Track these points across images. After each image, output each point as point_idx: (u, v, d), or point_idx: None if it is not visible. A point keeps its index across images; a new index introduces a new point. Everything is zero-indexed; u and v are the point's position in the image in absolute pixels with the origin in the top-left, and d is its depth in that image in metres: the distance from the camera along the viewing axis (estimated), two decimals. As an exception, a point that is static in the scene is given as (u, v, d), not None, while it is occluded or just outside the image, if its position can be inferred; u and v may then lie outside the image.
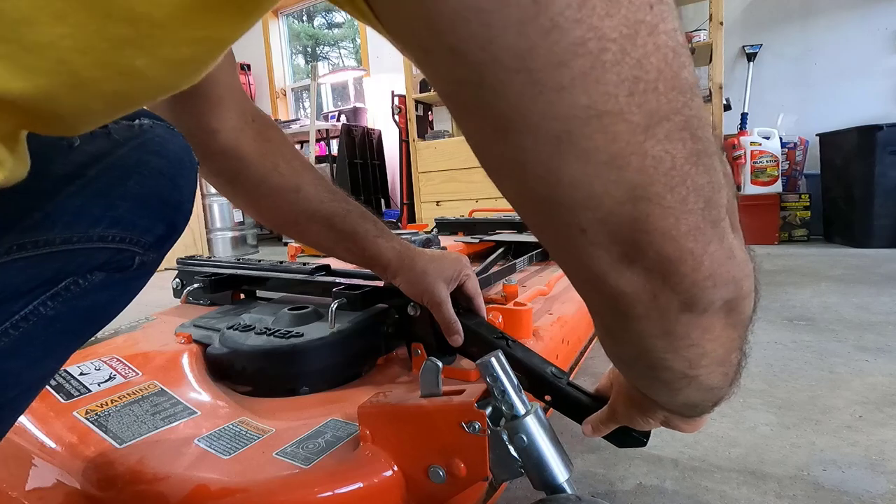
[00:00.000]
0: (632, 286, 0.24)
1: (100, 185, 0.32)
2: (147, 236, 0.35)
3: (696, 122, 0.21)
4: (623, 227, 0.22)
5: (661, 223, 0.21)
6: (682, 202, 0.21)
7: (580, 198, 0.21)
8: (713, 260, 0.24)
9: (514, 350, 0.52)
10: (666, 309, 0.25)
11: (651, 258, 0.23)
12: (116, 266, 0.34)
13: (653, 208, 0.21)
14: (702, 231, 0.23)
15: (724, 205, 0.24)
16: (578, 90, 0.18)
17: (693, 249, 0.23)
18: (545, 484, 0.39)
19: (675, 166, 0.21)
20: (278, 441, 0.46)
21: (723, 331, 0.28)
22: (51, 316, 0.31)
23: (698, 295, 0.24)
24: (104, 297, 0.35)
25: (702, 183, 0.22)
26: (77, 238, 0.31)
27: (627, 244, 0.22)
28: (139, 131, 0.34)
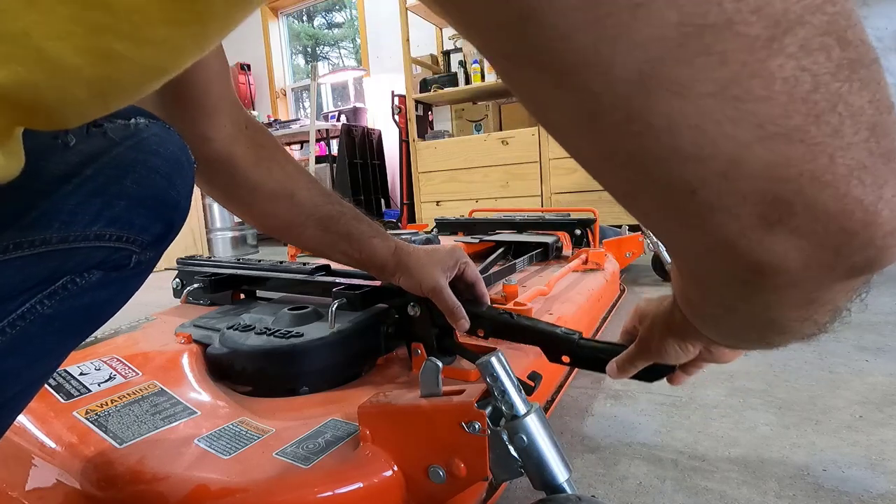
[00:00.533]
0: (776, 255, 0.18)
1: (96, 183, 0.32)
2: (144, 235, 0.35)
3: (845, 22, 0.15)
4: (753, 180, 0.17)
5: (808, 166, 0.16)
6: (834, 134, 0.16)
7: (684, 146, 0.16)
8: (893, 208, 0.17)
9: (520, 320, 0.53)
10: (824, 278, 0.19)
11: (801, 216, 0.17)
12: (113, 265, 0.34)
13: (793, 147, 0.16)
14: (870, 171, 0.17)
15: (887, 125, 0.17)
16: (662, 3, 0.14)
17: (861, 197, 0.17)
18: (545, 484, 0.39)
19: (818, 86, 0.15)
20: (278, 441, 0.46)
21: (855, 290, 0.22)
22: (48, 314, 0.31)
23: (874, 258, 0.18)
24: (102, 296, 0.35)
25: (861, 104, 0.16)
26: (74, 237, 0.31)
27: (764, 202, 0.17)
28: (135, 130, 0.34)
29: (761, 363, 0.91)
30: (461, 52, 3.22)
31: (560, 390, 0.74)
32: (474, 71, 3.00)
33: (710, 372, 0.88)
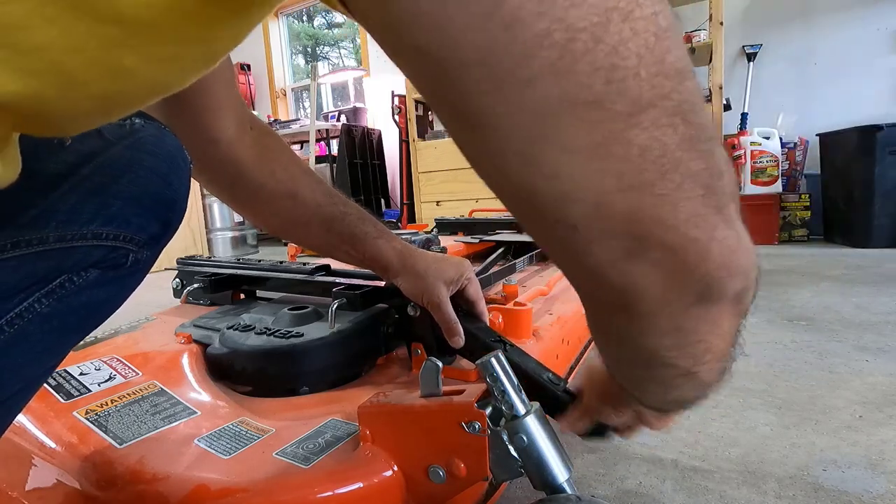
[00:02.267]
0: (638, 282, 0.23)
1: (93, 183, 0.32)
2: (141, 234, 0.35)
3: (688, 107, 0.20)
4: (617, 220, 0.21)
5: (656, 212, 0.20)
6: (676, 189, 0.20)
7: (565, 190, 0.20)
8: (724, 247, 0.22)
9: (511, 354, 0.52)
10: (677, 303, 0.24)
11: (655, 250, 0.21)
12: (111, 264, 0.34)
13: (645, 197, 0.20)
14: (704, 217, 0.21)
15: (728, 192, 0.22)
16: (548, 82, 0.18)
17: (697, 237, 0.21)
18: (545, 484, 0.39)
19: (665, 153, 0.20)
20: (278, 441, 0.46)
21: (729, 323, 0.27)
22: (46, 313, 0.31)
23: (711, 286, 0.23)
24: (99, 295, 0.35)
25: (697, 169, 0.21)
26: (71, 236, 0.31)
27: (627, 238, 0.21)
28: (131, 130, 0.34)
29: (761, 363, 0.91)
30: (461, 52, 3.22)
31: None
32: (474, 71, 3.00)
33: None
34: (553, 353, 0.75)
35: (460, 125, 0.21)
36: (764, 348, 0.99)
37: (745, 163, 2.40)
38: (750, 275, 0.25)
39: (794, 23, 2.64)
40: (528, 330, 0.71)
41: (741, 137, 2.41)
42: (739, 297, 0.25)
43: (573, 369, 0.87)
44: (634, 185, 0.20)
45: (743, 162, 2.41)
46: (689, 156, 0.20)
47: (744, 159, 2.40)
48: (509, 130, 0.19)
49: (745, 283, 0.24)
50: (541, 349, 0.70)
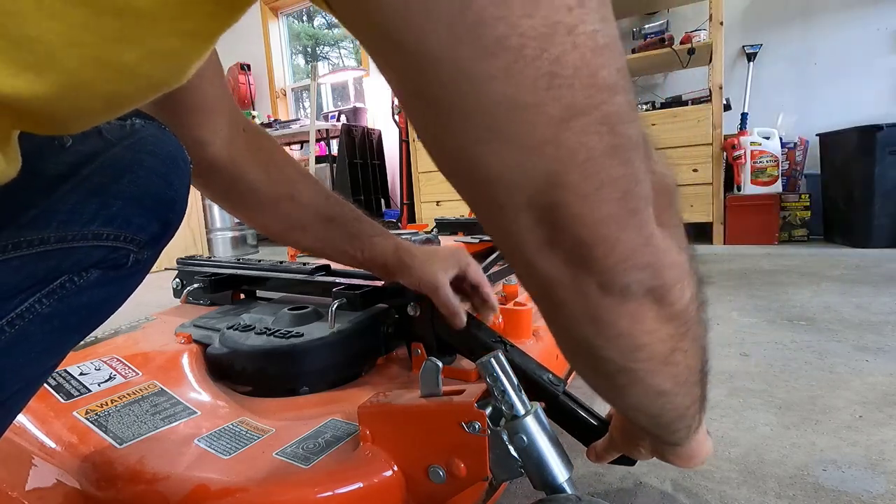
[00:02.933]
0: (554, 270, 0.25)
1: (93, 183, 0.32)
2: (142, 234, 0.35)
3: (616, 119, 0.22)
4: (544, 212, 0.23)
5: (576, 209, 0.23)
6: (596, 191, 0.23)
7: (507, 181, 0.23)
8: (627, 245, 0.25)
9: (512, 355, 0.52)
10: (585, 292, 0.26)
11: (569, 242, 0.24)
12: (112, 264, 0.34)
13: (568, 195, 0.23)
14: (616, 219, 0.24)
15: (644, 197, 0.25)
16: (503, 81, 0.20)
17: (607, 235, 0.24)
18: (545, 484, 0.39)
19: (590, 157, 0.22)
20: (278, 441, 0.46)
21: (655, 323, 0.28)
22: (46, 314, 0.31)
23: (613, 278, 0.25)
24: (100, 295, 0.35)
25: (618, 175, 0.23)
26: (72, 236, 0.31)
27: (549, 228, 0.24)
28: (131, 130, 0.35)
29: (761, 363, 0.91)
30: (461, 52, 3.22)
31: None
32: (474, 71, 3.00)
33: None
34: (553, 354, 0.75)
35: (430, 113, 0.23)
36: (764, 348, 0.99)
37: (745, 163, 2.40)
38: (662, 272, 0.26)
39: (794, 23, 2.64)
40: (528, 330, 0.71)
41: (741, 137, 2.41)
42: (658, 296, 0.27)
43: (573, 370, 0.87)
44: (560, 184, 0.22)
45: (743, 162, 2.40)
46: (612, 162, 0.23)
47: (744, 159, 2.40)
48: (469, 121, 0.22)
49: (654, 279, 0.26)
50: (541, 349, 0.70)
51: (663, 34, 2.55)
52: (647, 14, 2.91)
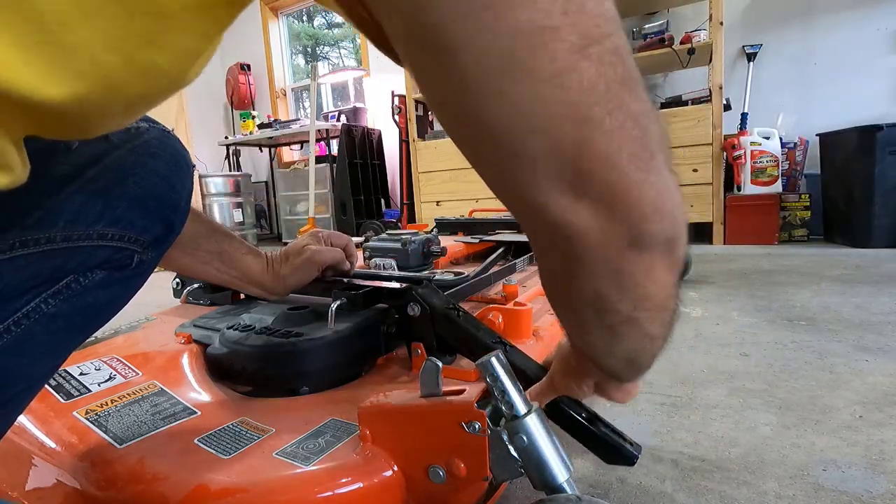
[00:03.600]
0: (581, 219, 0.24)
1: (99, 185, 0.32)
2: (146, 235, 0.36)
3: (625, 51, 0.22)
4: (570, 154, 0.22)
5: (604, 148, 0.22)
6: (620, 127, 0.22)
7: (529, 121, 0.22)
8: (656, 191, 0.24)
9: (512, 355, 0.52)
10: (614, 243, 0.25)
11: (598, 188, 0.23)
12: (116, 264, 0.35)
13: (594, 132, 0.22)
14: (642, 160, 0.23)
15: (658, 137, 0.24)
16: (519, 6, 0.20)
17: (637, 179, 0.23)
18: (545, 484, 0.39)
19: (609, 89, 0.22)
20: (278, 441, 0.46)
21: (663, 273, 0.28)
22: (52, 313, 0.31)
23: (645, 228, 0.24)
24: (104, 296, 0.35)
25: (636, 110, 0.23)
26: (78, 236, 0.31)
27: (575, 173, 0.23)
28: (136, 134, 0.35)
29: (761, 363, 0.91)
30: (461, 52, 3.22)
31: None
32: (474, 71, 3.00)
33: (710, 372, 0.88)
34: (553, 353, 0.75)
35: (438, 55, 0.22)
36: (764, 348, 0.99)
37: (745, 163, 2.40)
38: (679, 223, 0.26)
39: (794, 23, 2.64)
40: (528, 330, 0.71)
41: (741, 137, 2.41)
42: (670, 246, 0.26)
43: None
44: (587, 118, 0.22)
45: (743, 162, 2.40)
46: (630, 97, 0.22)
47: (744, 159, 2.40)
48: (485, 55, 0.21)
49: (674, 230, 0.26)
50: (541, 349, 0.70)
51: (663, 34, 2.55)
52: (647, 14, 2.91)
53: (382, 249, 1.05)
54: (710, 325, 1.16)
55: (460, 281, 0.75)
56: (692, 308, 1.31)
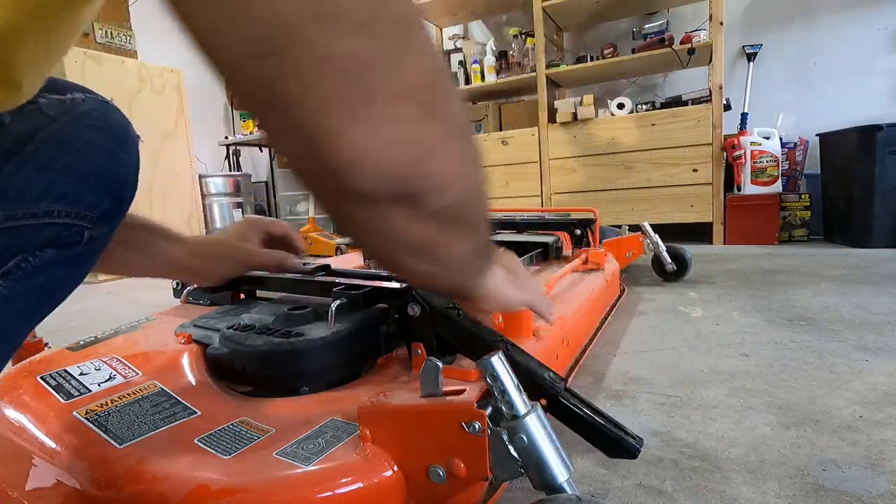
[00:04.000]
0: (289, 149, 0.24)
1: (39, 160, 0.32)
2: (94, 211, 0.35)
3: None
4: (266, 89, 0.22)
5: (293, 86, 0.21)
6: (316, 68, 0.20)
7: (217, 44, 0.21)
8: (360, 142, 0.22)
9: (513, 353, 0.52)
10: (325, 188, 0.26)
11: (296, 131, 0.23)
12: (66, 242, 0.34)
13: (285, 65, 0.20)
14: (344, 103, 0.22)
15: (386, 82, 0.22)
16: None
17: (332, 126, 0.22)
18: (545, 484, 0.39)
19: (300, 22, 0.20)
20: (278, 441, 0.46)
21: (409, 223, 0.28)
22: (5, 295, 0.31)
23: (344, 177, 0.24)
24: (57, 274, 0.35)
25: (339, 51, 0.20)
26: (22, 214, 0.31)
27: (274, 111, 0.22)
28: (72, 105, 0.34)
29: (761, 363, 0.91)
30: (461, 52, 3.22)
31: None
32: (474, 71, 3.00)
33: (710, 372, 0.88)
34: (553, 353, 0.75)
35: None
36: (764, 348, 0.99)
37: (745, 163, 2.40)
38: (410, 183, 0.25)
39: (794, 23, 2.64)
40: (528, 330, 0.71)
41: (741, 137, 2.41)
42: (411, 203, 0.27)
43: (573, 369, 0.87)
44: (275, 51, 0.20)
45: (743, 162, 2.40)
46: (331, 34, 0.20)
47: (744, 159, 2.40)
48: None
49: (399, 188, 0.25)
50: (541, 349, 0.70)
51: (663, 34, 2.55)
52: (647, 14, 2.91)
53: (382, 249, 1.05)
54: (710, 325, 1.16)
55: (460, 281, 0.75)
56: (692, 308, 1.31)
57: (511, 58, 2.96)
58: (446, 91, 0.27)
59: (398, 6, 0.22)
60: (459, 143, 0.28)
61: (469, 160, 0.30)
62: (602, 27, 3.10)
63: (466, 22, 3.47)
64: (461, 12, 3.20)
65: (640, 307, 1.35)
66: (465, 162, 0.29)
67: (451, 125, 0.27)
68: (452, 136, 0.27)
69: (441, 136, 0.26)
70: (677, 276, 1.61)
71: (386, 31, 0.22)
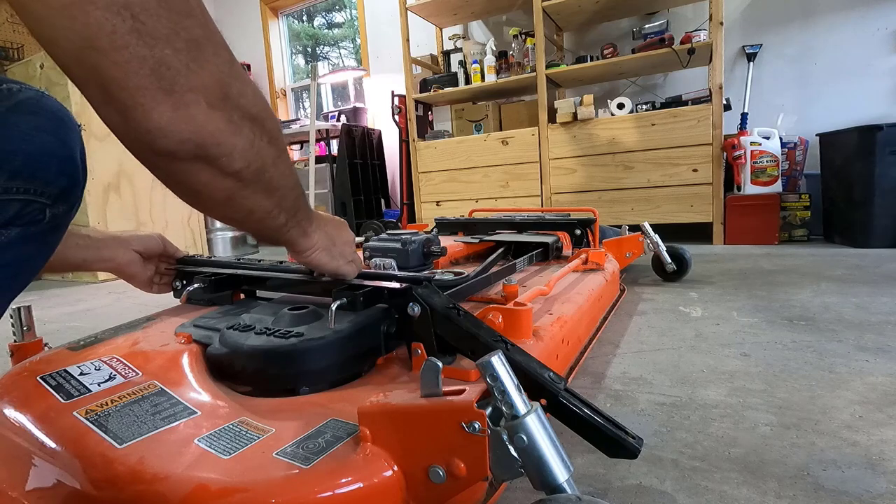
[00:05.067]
0: (111, 121, 0.33)
1: None
2: (50, 188, 0.38)
3: (140, 9, 0.29)
4: (87, 71, 0.30)
5: (111, 73, 0.30)
6: (127, 63, 0.30)
7: (49, 36, 0.29)
8: (163, 118, 0.32)
9: (513, 353, 0.52)
10: (139, 146, 0.34)
11: (116, 101, 0.31)
12: (30, 219, 0.37)
13: (102, 59, 0.29)
14: (149, 92, 0.31)
15: (189, 83, 0.32)
16: None
17: (143, 104, 0.31)
18: (545, 484, 0.39)
19: (116, 32, 0.29)
20: (278, 441, 0.46)
21: (210, 178, 0.38)
22: None
23: (153, 141, 0.33)
24: (23, 253, 0.38)
25: (144, 54, 0.30)
26: None
27: (97, 87, 0.31)
28: (8, 94, 0.37)
29: (761, 363, 0.91)
30: (461, 52, 3.22)
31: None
32: (474, 71, 3.00)
33: (710, 372, 0.88)
34: (553, 353, 0.75)
35: None
36: (764, 348, 0.99)
37: (745, 163, 2.40)
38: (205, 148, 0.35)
39: (794, 23, 2.64)
40: (529, 330, 0.71)
41: (741, 137, 2.41)
42: (208, 162, 0.37)
43: (573, 369, 0.87)
44: (93, 48, 0.29)
45: (743, 162, 2.40)
46: (138, 42, 0.30)
47: (744, 159, 2.40)
48: None
49: (198, 149, 0.35)
50: (541, 349, 0.70)
51: (663, 34, 2.55)
52: (647, 14, 2.91)
53: (382, 249, 1.05)
54: (710, 325, 1.16)
55: (460, 281, 0.75)
56: (692, 308, 1.31)
57: (511, 58, 2.96)
58: (240, 91, 0.37)
59: (194, 29, 0.33)
60: (249, 128, 0.39)
61: (258, 141, 0.40)
62: (602, 27, 3.10)
63: (466, 22, 3.47)
64: (461, 12, 3.20)
65: (640, 307, 1.35)
66: (252, 141, 0.39)
67: (240, 114, 0.37)
68: (240, 121, 0.38)
69: (226, 120, 0.36)
70: (677, 276, 1.61)
71: (184, 46, 0.32)
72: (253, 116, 0.39)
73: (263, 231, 0.50)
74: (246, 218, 0.45)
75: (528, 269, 1.25)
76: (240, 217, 0.44)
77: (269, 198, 0.45)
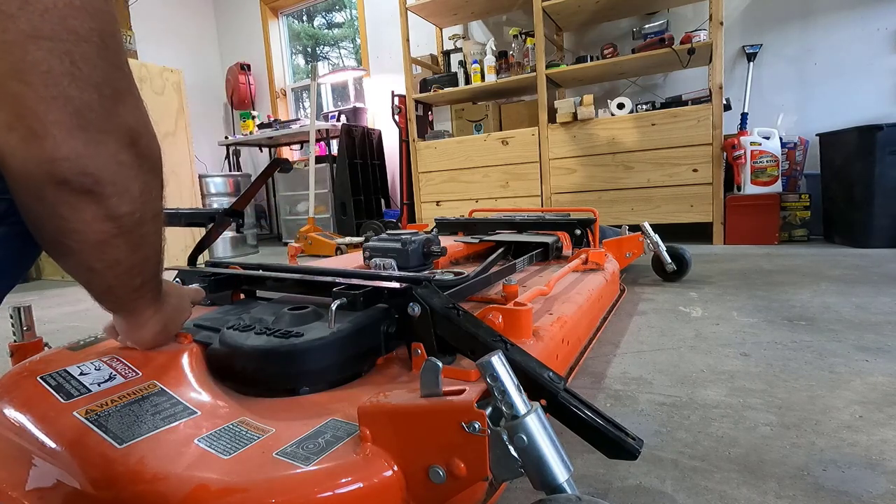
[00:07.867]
0: (8, 144, 0.33)
1: None
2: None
3: (80, 57, 0.33)
4: (2, 97, 0.32)
5: (33, 105, 0.32)
6: (53, 99, 0.33)
7: None
8: (72, 150, 0.34)
9: (513, 353, 0.52)
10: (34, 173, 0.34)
11: (26, 129, 0.33)
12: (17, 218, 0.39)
13: (28, 92, 0.32)
14: (65, 126, 0.34)
15: (107, 125, 0.35)
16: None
17: (55, 135, 0.33)
18: (545, 484, 0.39)
19: (50, 72, 0.32)
20: (278, 441, 0.46)
21: (91, 217, 0.38)
22: None
23: (52, 169, 0.34)
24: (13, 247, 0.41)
25: (72, 95, 0.33)
26: None
27: (9, 112, 0.32)
28: None
29: (761, 363, 0.91)
30: (461, 52, 3.22)
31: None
32: (474, 71, 3.00)
33: (710, 372, 0.88)
34: (553, 353, 0.75)
35: None
36: (764, 348, 0.99)
37: (745, 163, 2.40)
38: (102, 185, 0.37)
39: (794, 23, 2.64)
40: (529, 330, 0.71)
41: (741, 137, 2.41)
42: (96, 199, 0.37)
43: (573, 369, 0.87)
44: (24, 81, 0.31)
45: (743, 162, 2.40)
46: (72, 85, 0.33)
47: (744, 159, 2.40)
48: None
49: (94, 186, 0.36)
50: (541, 349, 0.70)
51: (663, 34, 2.55)
52: (647, 14, 2.91)
53: (382, 249, 1.05)
54: (710, 325, 1.16)
55: (460, 281, 0.75)
56: (692, 308, 1.31)
57: (511, 58, 2.96)
58: (148, 143, 0.40)
59: (121, 81, 0.37)
60: (146, 178, 0.41)
61: (149, 192, 0.42)
62: (602, 27, 3.10)
63: (466, 22, 3.47)
64: (461, 12, 3.20)
65: (640, 307, 1.35)
66: (143, 190, 0.41)
67: (142, 162, 0.40)
68: (140, 169, 0.40)
69: (129, 164, 0.38)
70: (677, 276, 1.61)
71: (110, 93, 0.36)
72: (152, 168, 0.41)
73: (116, 289, 0.48)
74: (107, 269, 0.44)
75: (528, 269, 1.25)
76: (101, 267, 0.43)
77: (136, 253, 0.44)
